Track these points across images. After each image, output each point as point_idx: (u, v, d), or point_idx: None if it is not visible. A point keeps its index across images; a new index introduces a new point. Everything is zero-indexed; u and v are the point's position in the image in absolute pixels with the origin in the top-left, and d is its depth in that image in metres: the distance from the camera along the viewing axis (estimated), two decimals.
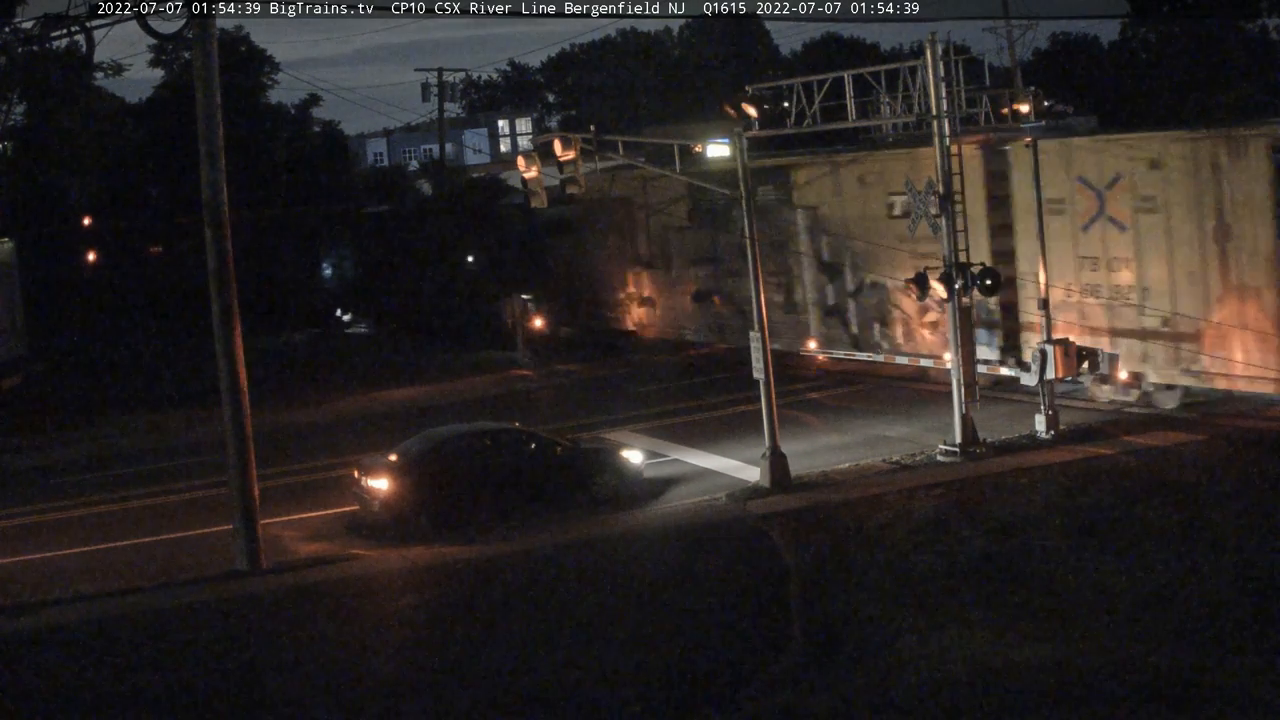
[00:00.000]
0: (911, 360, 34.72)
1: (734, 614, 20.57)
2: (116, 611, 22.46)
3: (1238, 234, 27.66)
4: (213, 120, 24.04)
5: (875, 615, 19.65)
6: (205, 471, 31.01)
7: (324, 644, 20.56)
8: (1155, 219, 28.93)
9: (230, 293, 24.23)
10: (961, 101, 28.56)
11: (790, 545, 23.46)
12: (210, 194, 24.15)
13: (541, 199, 29.85)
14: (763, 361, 27.39)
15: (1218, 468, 25.39)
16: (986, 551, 21.90)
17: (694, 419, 34.56)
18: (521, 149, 60.29)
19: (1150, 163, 28.93)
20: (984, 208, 31.76)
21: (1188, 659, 17.11)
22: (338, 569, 24.05)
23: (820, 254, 36.93)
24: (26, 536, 27.66)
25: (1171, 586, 19.53)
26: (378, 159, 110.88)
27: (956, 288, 27.62)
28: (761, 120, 28.56)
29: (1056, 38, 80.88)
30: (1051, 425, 28.94)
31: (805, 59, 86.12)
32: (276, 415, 36.98)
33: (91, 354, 57.30)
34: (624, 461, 27.67)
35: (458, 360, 46.98)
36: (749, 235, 27.59)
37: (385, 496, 26.08)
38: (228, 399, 24.38)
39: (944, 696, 16.73)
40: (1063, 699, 16.37)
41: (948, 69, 27.80)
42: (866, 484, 26.75)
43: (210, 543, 26.01)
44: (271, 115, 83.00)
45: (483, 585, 22.83)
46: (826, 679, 17.69)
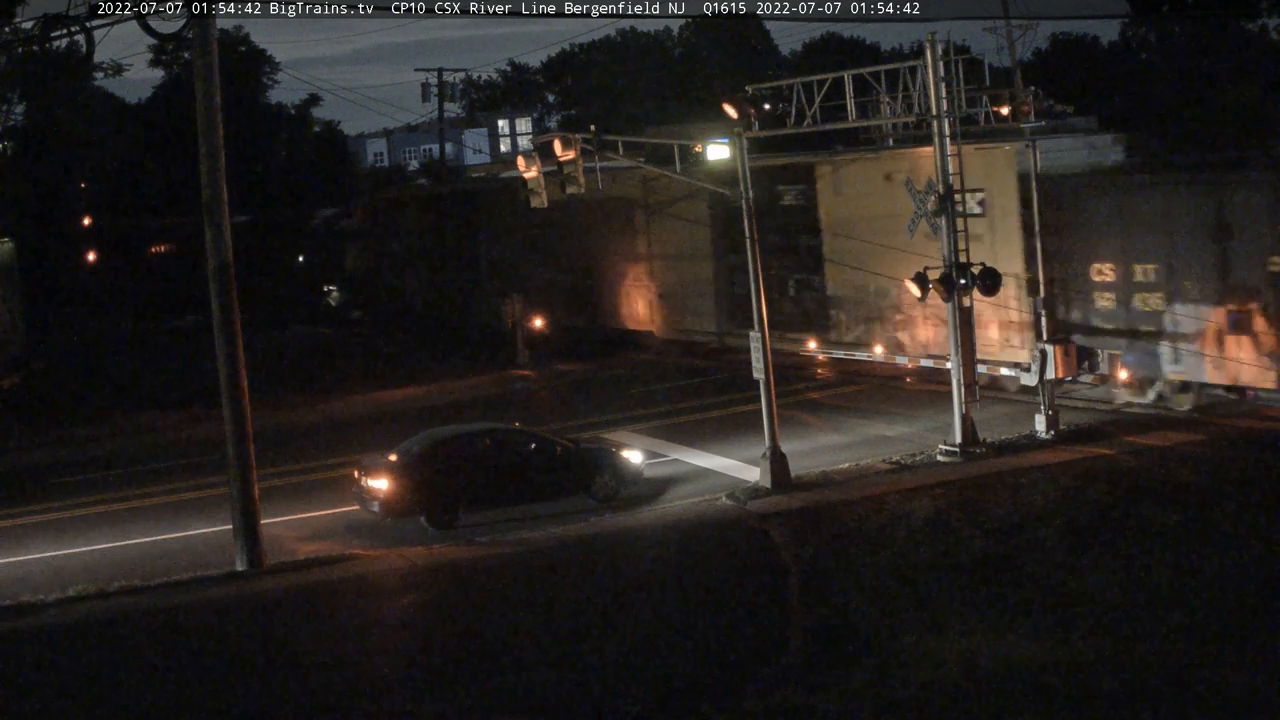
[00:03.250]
0: (912, 360, 34.74)
1: (734, 614, 20.56)
2: (116, 611, 22.43)
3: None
4: (213, 120, 24.03)
5: (875, 615, 19.65)
6: (205, 471, 31.01)
7: (324, 644, 20.55)
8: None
9: (230, 293, 24.21)
10: (961, 101, 28.55)
11: (790, 545, 23.46)
12: (210, 194, 24.13)
13: (542, 199, 29.86)
14: (763, 361, 27.38)
15: (1218, 468, 25.39)
16: (986, 551, 21.90)
17: (694, 419, 34.57)
18: (521, 149, 60.23)
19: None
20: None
21: (1187, 659, 17.11)
22: (338, 569, 24.04)
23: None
24: (27, 536, 27.65)
25: (1171, 586, 19.53)
26: (378, 159, 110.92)
27: (956, 288, 27.61)
28: (761, 120, 28.56)
29: (1056, 38, 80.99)
30: (1051, 425, 28.93)
31: (805, 59, 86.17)
32: (276, 415, 36.99)
33: (91, 354, 57.26)
34: (624, 461, 27.67)
35: (457, 360, 47.02)
36: (749, 235, 27.59)
37: (385, 496, 26.08)
38: (228, 399, 24.37)
39: (944, 696, 16.74)
40: (1062, 699, 16.37)
41: (948, 69, 27.79)
42: (866, 484, 26.74)
43: (210, 543, 26.02)
44: (271, 115, 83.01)
45: (482, 585, 22.83)
46: (826, 679, 17.68)
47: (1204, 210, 28.94)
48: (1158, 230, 29.45)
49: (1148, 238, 29.81)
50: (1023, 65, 54.78)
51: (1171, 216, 29.29)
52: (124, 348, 58.85)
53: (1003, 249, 31.55)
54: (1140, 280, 30.07)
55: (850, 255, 35.85)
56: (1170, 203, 29.40)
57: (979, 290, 27.91)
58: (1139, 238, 30.02)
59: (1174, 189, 29.30)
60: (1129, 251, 30.18)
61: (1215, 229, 28.72)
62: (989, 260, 29.08)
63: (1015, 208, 31.43)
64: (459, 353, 48.60)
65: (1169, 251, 29.37)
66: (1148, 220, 29.77)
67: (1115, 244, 30.34)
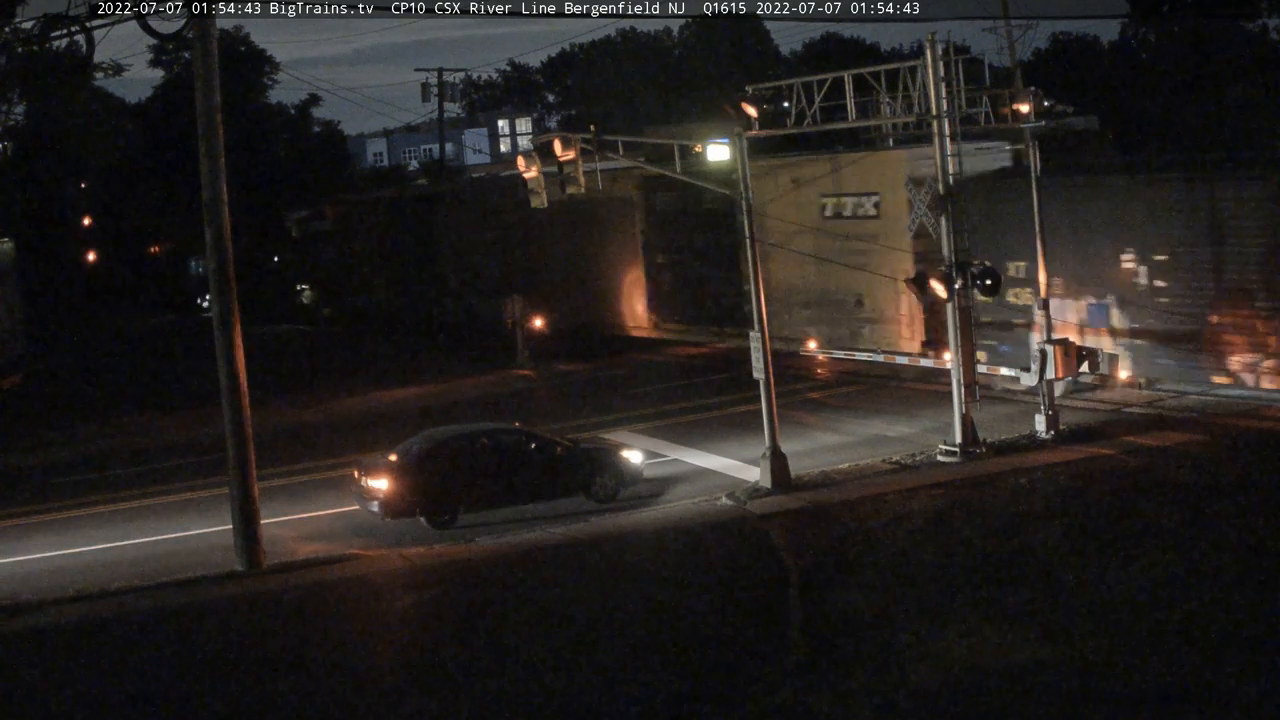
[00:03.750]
0: (912, 360, 34.85)
1: (734, 613, 20.55)
2: (116, 611, 22.44)
3: None
4: (213, 120, 24.02)
5: (875, 615, 19.63)
6: (205, 471, 31.01)
7: (323, 644, 20.54)
8: None
9: (230, 293, 24.21)
10: (961, 101, 28.56)
11: (790, 545, 23.45)
12: (210, 194, 24.13)
13: (542, 199, 29.83)
14: (763, 361, 27.38)
15: (1218, 468, 25.39)
16: (986, 551, 21.88)
17: (694, 419, 34.57)
18: (521, 149, 60.40)
19: None
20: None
21: (1188, 659, 17.10)
22: (338, 569, 24.03)
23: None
24: (27, 536, 27.66)
25: (1171, 586, 19.52)
26: (378, 159, 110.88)
27: (956, 288, 27.60)
28: (761, 120, 28.55)
29: (1056, 38, 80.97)
30: (1051, 425, 28.92)
31: (805, 59, 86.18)
32: (275, 415, 36.99)
33: (91, 354, 57.28)
34: (624, 461, 27.66)
35: (456, 359, 47.06)
36: (749, 235, 27.58)
37: (385, 496, 26.07)
38: (228, 399, 24.36)
39: (944, 696, 16.73)
40: (1063, 699, 16.36)
41: (947, 69, 27.78)
42: (866, 484, 26.73)
43: (210, 543, 26.01)
44: (271, 115, 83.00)
45: (482, 585, 22.83)
46: (827, 679, 17.68)
47: (1066, 211, 31.83)
48: (1029, 230, 30.59)
49: (1017, 236, 31.91)
50: (1023, 65, 54.76)
51: (1041, 217, 30.42)
52: (123, 347, 58.87)
53: (894, 250, 34.77)
54: (1014, 276, 32.56)
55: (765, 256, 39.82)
56: (1038, 204, 30.52)
57: (979, 291, 27.92)
58: (1010, 236, 32.40)
59: (1045, 193, 30.71)
60: (1002, 249, 32.32)
61: (1076, 228, 31.81)
62: (878, 260, 33.81)
63: (905, 211, 33.15)
64: (458, 353, 48.65)
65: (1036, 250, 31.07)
66: (1019, 221, 31.49)
67: (988, 243, 32.20)
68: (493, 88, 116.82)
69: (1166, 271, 30.81)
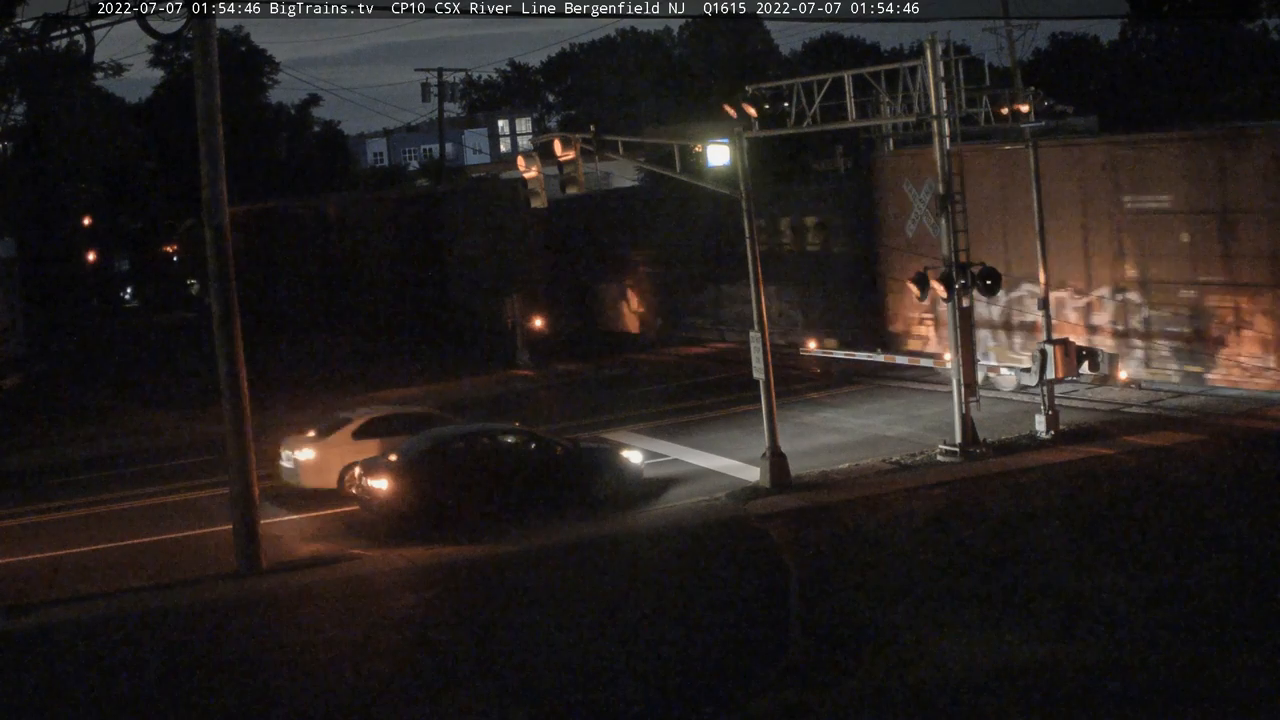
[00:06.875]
0: (911, 360, 34.75)
1: (734, 614, 20.55)
2: (116, 611, 22.44)
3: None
4: (213, 120, 24.02)
5: (875, 615, 19.63)
6: (205, 471, 31.00)
7: (323, 644, 20.54)
8: None
9: (230, 294, 24.20)
10: (961, 101, 28.56)
11: (790, 545, 23.45)
12: (210, 194, 24.13)
13: (541, 199, 29.84)
14: (763, 361, 27.37)
15: (1218, 468, 25.39)
16: (986, 551, 21.88)
17: (694, 419, 34.56)
18: (521, 149, 60.41)
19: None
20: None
21: (1188, 659, 17.10)
22: (337, 569, 24.03)
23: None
24: (26, 536, 27.65)
25: (1171, 586, 19.51)
26: (378, 159, 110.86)
27: (956, 288, 27.60)
28: (761, 120, 28.55)
29: (1056, 38, 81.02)
30: (1052, 425, 28.92)
31: (805, 59, 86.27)
32: (276, 415, 36.96)
33: (92, 354, 57.27)
34: (624, 461, 27.65)
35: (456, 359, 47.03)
36: (749, 235, 27.58)
37: (385, 496, 26.07)
38: (228, 399, 24.36)
39: (944, 696, 16.72)
40: (1063, 699, 16.36)
41: (948, 69, 27.78)
42: (866, 484, 26.74)
43: (210, 543, 26.01)
44: (271, 115, 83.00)
45: (483, 585, 22.83)
46: (827, 679, 17.67)
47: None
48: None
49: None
50: (1023, 65, 54.77)
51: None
52: (123, 346, 58.84)
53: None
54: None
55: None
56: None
57: (978, 291, 27.93)
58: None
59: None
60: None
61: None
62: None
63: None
64: (460, 353, 48.61)
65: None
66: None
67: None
68: (493, 88, 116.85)
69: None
